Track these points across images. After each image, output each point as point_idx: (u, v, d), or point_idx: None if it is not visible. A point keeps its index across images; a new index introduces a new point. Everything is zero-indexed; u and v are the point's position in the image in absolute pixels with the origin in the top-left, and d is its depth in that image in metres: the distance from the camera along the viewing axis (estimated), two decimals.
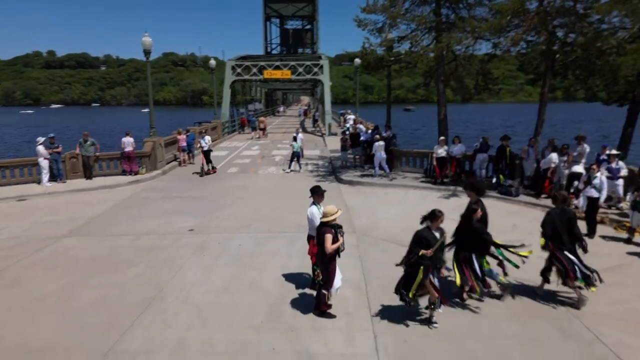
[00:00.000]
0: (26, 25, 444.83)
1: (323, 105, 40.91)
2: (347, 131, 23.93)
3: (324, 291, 7.09)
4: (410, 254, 6.77)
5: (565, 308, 7.39)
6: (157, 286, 8.36)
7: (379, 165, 17.82)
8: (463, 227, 7.50)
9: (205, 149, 19.91)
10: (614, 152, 13.21)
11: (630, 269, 9.05)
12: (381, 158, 17.61)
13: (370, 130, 21.88)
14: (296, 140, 20.21)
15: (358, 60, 32.25)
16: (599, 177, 10.98)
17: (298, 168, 20.31)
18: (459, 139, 16.82)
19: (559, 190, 8.18)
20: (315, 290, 7.56)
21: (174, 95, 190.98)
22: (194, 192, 16.44)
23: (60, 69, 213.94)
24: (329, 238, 6.68)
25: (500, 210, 13.11)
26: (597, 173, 11.09)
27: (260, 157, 25.08)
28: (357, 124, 24.42)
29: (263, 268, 9.18)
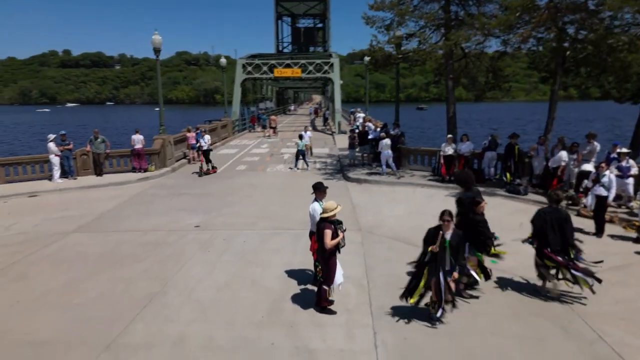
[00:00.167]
0: (42, 25, 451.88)
1: (333, 103, 40.88)
2: (357, 129, 23.88)
3: (325, 287, 7.11)
4: (422, 253, 6.89)
5: (567, 307, 7.32)
6: (161, 281, 8.45)
7: (387, 164, 17.78)
8: (464, 219, 7.48)
9: (205, 148, 19.56)
10: (624, 150, 13.03)
11: (637, 268, 8.92)
12: (388, 156, 17.55)
13: (379, 129, 21.82)
14: (302, 138, 20.21)
15: (367, 58, 32.15)
16: (607, 175, 10.83)
17: (305, 166, 20.32)
18: (467, 136, 16.71)
19: (555, 190, 8.11)
20: (317, 286, 7.58)
21: (187, 94, 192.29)
22: (202, 189, 16.57)
23: (76, 68, 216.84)
24: (328, 233, 6.69)
25: (508, 208, 13.00)
26: (606, 171, 10.94)
27: (269, 155, 25.17)
28: (366, 122, 24.34)
29: (266, 264, 9.23)
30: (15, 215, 13.16)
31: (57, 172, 17.26)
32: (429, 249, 6.66)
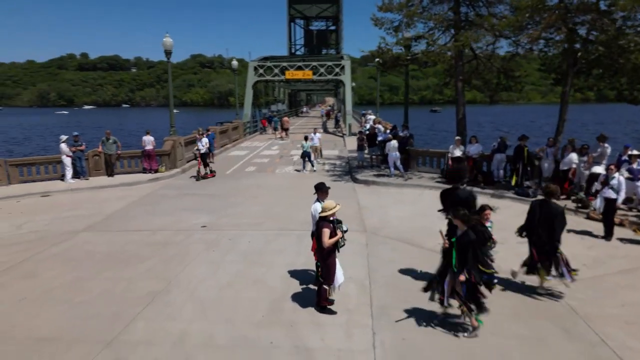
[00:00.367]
0: (61, 29, 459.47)
1: (344, 105, 40.89)
2: (367, 131, 23.86)
3: (325, 287, 7.13)
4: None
5: (570, 308, 7.23)
6: (165, 280, 8.55)
7: (394, 165, 17.73)
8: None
9: (203, 151, 19.13)
10: (635, 152, 12.78)
11: None
12: (395, 158, 17.51)
13: (388, 130, 21.79)
14: (307, 139, 20.26)
15: (377, 60, 32.09)
16: (617, 177, 10.65)
17: (311, 167, 20.34)
18: (476, 138, 16.59)
19: (550, 184, 8.11)
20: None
21: (202, 96, 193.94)
22: (210, 190, 16.71)
23: (93, 71, 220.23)
24: (326, 232, 6.72)
25: (515, 210, 12.82)
26: (615, 173, 10.77)
27: (279, 157, 25.27)
28: (375, 124, 24.33)
29: (269, 265, 9.27)
30: (27, 215, 13.43)
31: (69, 173, 17.55)
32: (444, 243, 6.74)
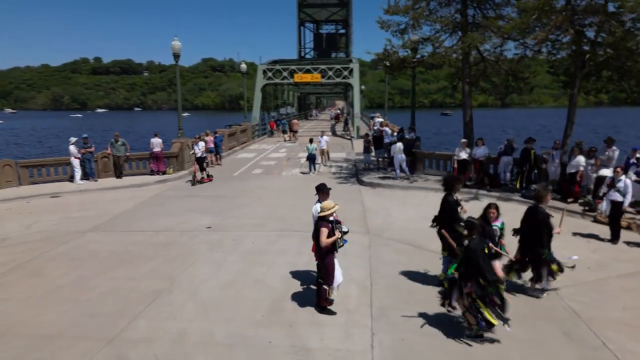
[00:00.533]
0: (74, 33, 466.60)
1: (353, 108, 40.96)
2: (374, 133, 23.85)
3: (325, 287, 7.15)
4: None
5: (572, 311, 7.16)
6: (168, 280, 8.63)
7: (400, 168, 17.70)
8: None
9: (199, 155, 18.92)
10: None
11: None
12: (401, 160, 17.48)
13: (395, 133, 21.76)
14: (312, 142, 20.30)
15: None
16: (623, 180, 10.54)
17: (314, 170, 20.40)
18: (482, 141, 16.50)
19: (540, 188, 8.12)
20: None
21: (213, 100, 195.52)
22: (216, 191, 16.82)
23: (106, 75, 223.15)
24: (324, 232, 6.75)
25: (521, 213, 12.72)
26: (622, 176, 10.65)
27: (286, 159, 25.35)
28: (383, 127, 24.30)
29: (271, 265, 9.32)
30: (36, 215, 13.65)
31: (78, 174, 17.79)
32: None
